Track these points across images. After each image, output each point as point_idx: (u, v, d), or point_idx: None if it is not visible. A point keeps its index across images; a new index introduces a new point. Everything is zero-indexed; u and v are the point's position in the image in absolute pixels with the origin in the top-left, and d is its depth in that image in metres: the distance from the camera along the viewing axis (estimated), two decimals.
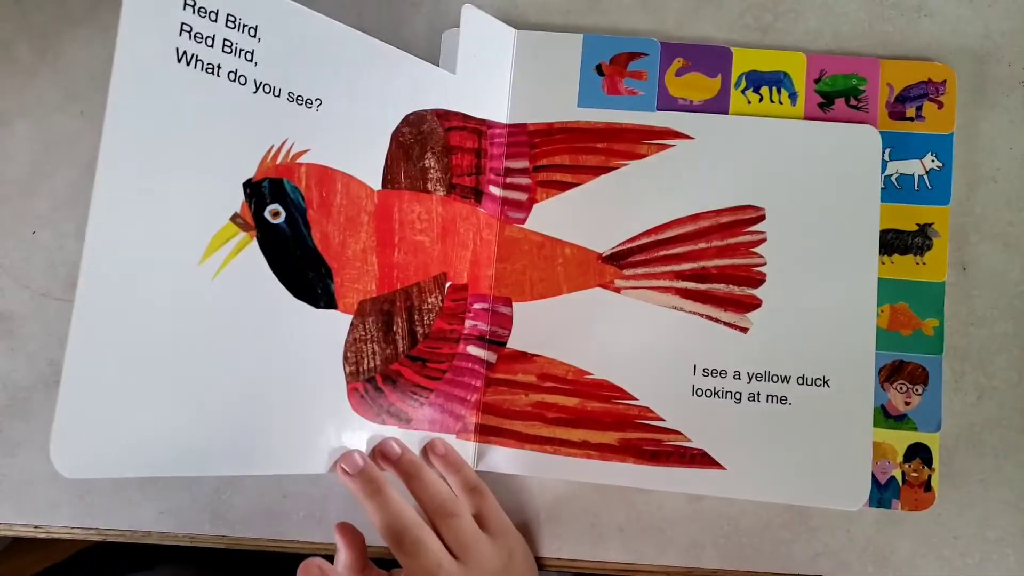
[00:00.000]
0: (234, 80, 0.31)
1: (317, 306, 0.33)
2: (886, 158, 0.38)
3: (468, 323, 0.38)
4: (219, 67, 0.31)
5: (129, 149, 0.29)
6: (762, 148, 0.39)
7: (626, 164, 0.39)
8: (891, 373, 0.37)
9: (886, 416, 0.37)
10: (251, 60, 0.32)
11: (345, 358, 0.34)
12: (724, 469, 0.36)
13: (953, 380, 0.38)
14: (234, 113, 0.31)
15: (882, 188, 0.38)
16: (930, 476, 0.37)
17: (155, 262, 0.29)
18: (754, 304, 0.38)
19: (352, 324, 0.34)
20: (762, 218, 0.38)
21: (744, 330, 0.38)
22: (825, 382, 0.37)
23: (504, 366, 0.38)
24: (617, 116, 0.39)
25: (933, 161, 0.38)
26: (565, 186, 0.39)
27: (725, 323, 0.38)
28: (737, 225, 0.38)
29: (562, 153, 0.39)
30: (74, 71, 0.40)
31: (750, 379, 0.37)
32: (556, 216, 0.39)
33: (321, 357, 0.33)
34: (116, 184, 0.28)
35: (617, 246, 0.38)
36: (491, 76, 0.39)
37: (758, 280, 0.38)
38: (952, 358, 0.38)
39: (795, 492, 0.36)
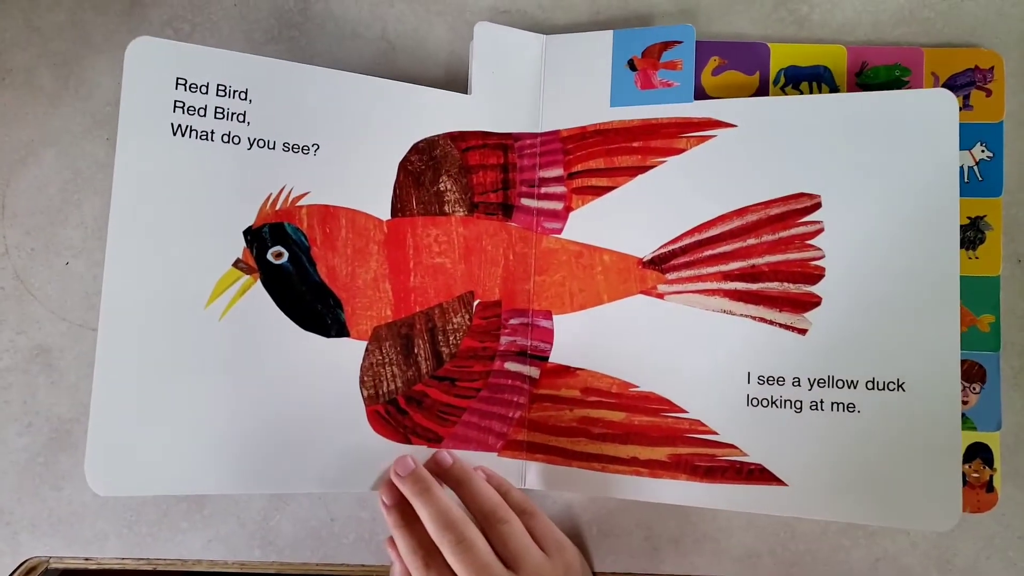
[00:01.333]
0: (227, 141, 0.34)
1: (328, 335, 0.35)
2: None
3: (504, 339, 0.37)
4: (212, 132, 0.34)
5: (134, 212, 0.33)
6: (815, 128, 0.35)
7: (664, 161, 0.37)
8: None
9: None
10: (243, 121, 0.34)
11: (362, 382, 0.35)
12: (786, 485, 0.34)
13: (1012, 377, 0.37)
14: (230, 170, 0.34)
15: None
16: (992, 476, 0.36)
17: (164, 308, 0.33)
18: (813, 302, 0.35)
19: (367, 350, 0.36)
20: (818, 206, 0.35)
21: (802, 332, 0.35)
22: (900, 385, 0.34)
23: (547, 381, 0.37)
24: (652, 112, 0.37)
25: (983, 151, 0.37)
26: (601, 191, 0.37)
27: (781, 325, 0.35)
28: (789, 216, 0.35)
29: (596, 157, 0.37)
30: (97, 97, 0.40)
31: (811, 385, 0.34)
32: (593, 223, 0.37)
33: (337, 383, 0.35)
34: (124, 243, 0.33)
35: (658, 249, 0.36)
36: (517, 88, 0.38)
37: (816, 275, 0.35)
38: (1010, 354, 0.37)
39: (869, 510, 0.33)
